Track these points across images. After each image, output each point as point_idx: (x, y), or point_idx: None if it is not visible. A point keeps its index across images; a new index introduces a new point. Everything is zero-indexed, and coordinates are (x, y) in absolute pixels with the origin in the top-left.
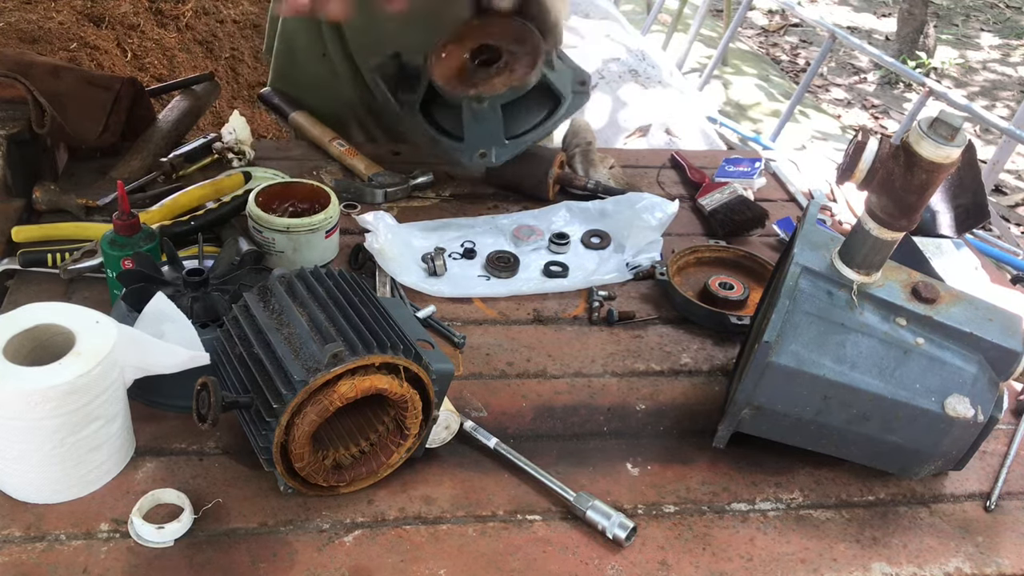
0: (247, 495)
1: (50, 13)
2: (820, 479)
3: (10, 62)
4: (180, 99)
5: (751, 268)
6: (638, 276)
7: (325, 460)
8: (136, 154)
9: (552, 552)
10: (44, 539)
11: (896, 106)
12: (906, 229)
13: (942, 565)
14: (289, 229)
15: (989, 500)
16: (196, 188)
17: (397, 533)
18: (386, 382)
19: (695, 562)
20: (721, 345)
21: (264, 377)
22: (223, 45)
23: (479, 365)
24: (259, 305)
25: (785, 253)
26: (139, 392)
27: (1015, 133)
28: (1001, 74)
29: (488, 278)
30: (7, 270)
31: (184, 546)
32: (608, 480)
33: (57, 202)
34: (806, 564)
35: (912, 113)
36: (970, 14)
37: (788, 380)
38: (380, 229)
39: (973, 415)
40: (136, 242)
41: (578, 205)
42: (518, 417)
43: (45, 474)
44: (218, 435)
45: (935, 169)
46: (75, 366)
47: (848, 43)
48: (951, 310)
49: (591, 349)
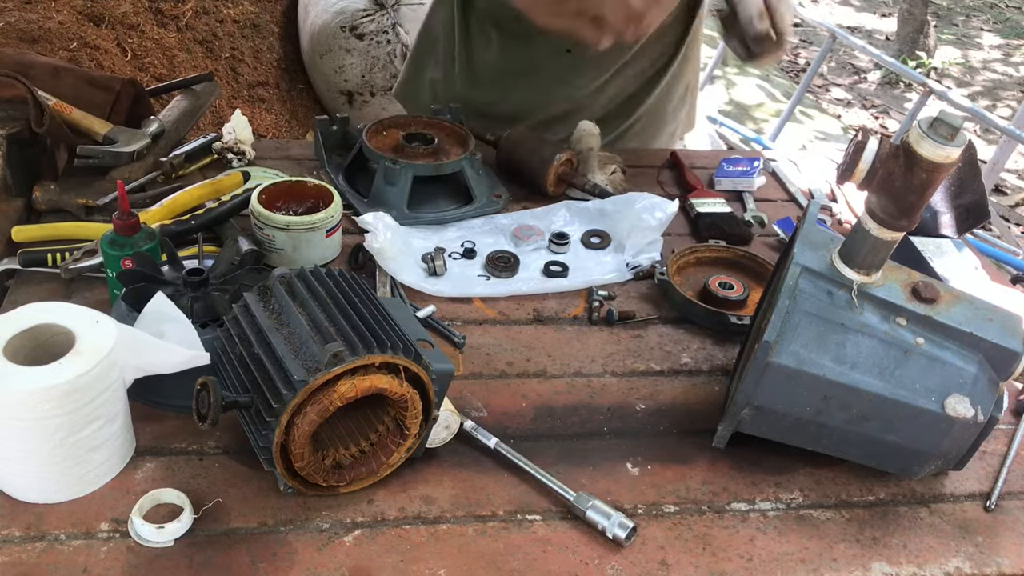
0: (247, 495)
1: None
2: (820, 479)
3: (10, 62)
4: (180, 99)
5: (751, 268)
6: (638, 276)
7: (325, 460)
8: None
9: (552, 552)
10: (44, 539)
11: (896, 106)
12: (906, 229)
13: (942, 565)
14: (289, 227)
15: (989, 500)
16: (196, 188)
17: (397, 533)
18: (386, 382)
19: (695, 562)
20: (721, 345)
21: (264, 377)
22: (223, 45)
23: (479, 365)
24: (259, 305)
25: (785, 253)
26: (139, 392)
27: (1015, 133)
28: (1002, 74)
29: (488, 278)
30: (7, 270)
31: (184, 546)
32: (608, 480)
33: (57, 202)
34: (806, 564)
35: (912, 113)
36: (971, 14)
37: (788, 380)
38: (380, 229)
39: (973, 415)
40: (136, 242)
41: (578, 205)
42: (518, 417)
43: (45, 474)
44: (218, 435)
45: (935, 169)
46: (75, 366)
47: (848, 43)
48: (951, 310)
49: (591, 349)
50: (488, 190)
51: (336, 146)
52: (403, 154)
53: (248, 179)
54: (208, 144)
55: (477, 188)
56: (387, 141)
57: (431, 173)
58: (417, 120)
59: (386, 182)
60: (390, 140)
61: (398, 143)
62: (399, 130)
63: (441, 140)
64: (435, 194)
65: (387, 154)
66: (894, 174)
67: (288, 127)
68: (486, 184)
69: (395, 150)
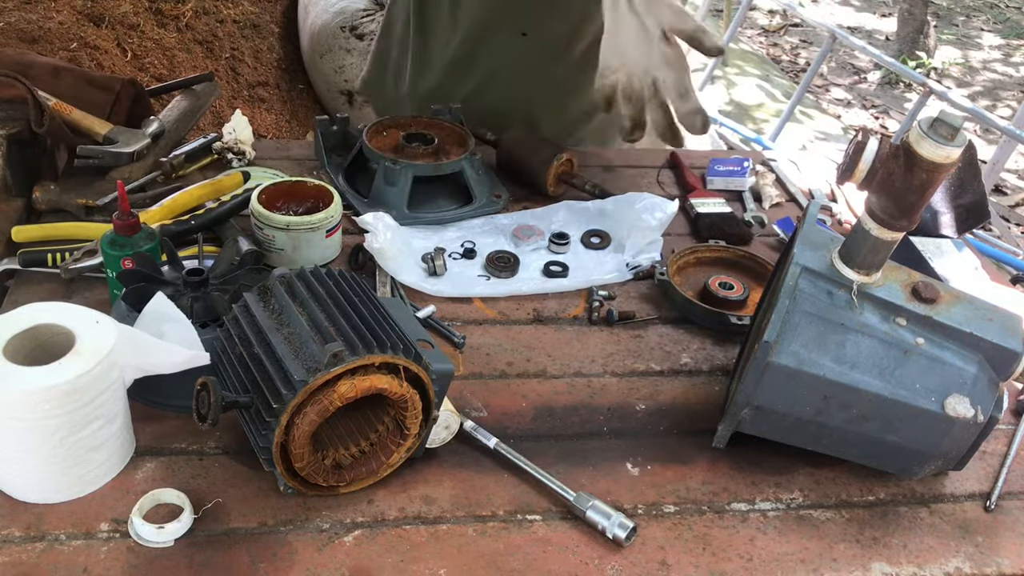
0: (247, 495)
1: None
2: (820, 479)
3: (10, 62)
4: (180, 99)
5: (751, 268)
6: (638, 276)
7: (325, 460)
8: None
9: (552, 552)
10: (44, 539)
11: (896, 106)
12: (906, 229)
13: (942, 565)
14: (289, 227)
15: (989, 500)
16: (196, 188)
17: (397, 533)
18: (386, 382)
19: (695, 562)
20: (721, 345)
21: (264, 377)
22: (223, 45)
23: (479, 365)
24: (259, 305)
25: (785, 253)
26: (139, 392)
27: (1015, 133)
28: (1002, 74)
29: (488, 278)
30: (7, 270)
31: (184, 546)
32: (608, 480)
33: (57, 202)
34: (806, 564)
35: (912, 113)
36: (971, 14)
37: (788, 380)
38: (380, 229)
39: (973, 415)
40: (136, 242)
41: (578, 205)
42: (518, 417)
43: (45, 474)
44: (218, 435)
45: (935, 169)
46: (75, 366)
47: (848, 43)
48: (951, 310)
49: (591, 349)
50: (488, 190)
51: (336, 146)
52: (403, 154)
53: (248, 179)
54: (208, 144)
55: (477, 188)
56: (387, 141)
57: (431, 173)
58: (417, 120)
59: (386, 182)
60: (390, 140)
61: (398, 143)
62: (399, 130)
63: (441, 140)
64: (435, 194)
65: (387, 154)
66: (894, 174)
67: (288, 127)
68: (486, 184)
69: (395, 150)
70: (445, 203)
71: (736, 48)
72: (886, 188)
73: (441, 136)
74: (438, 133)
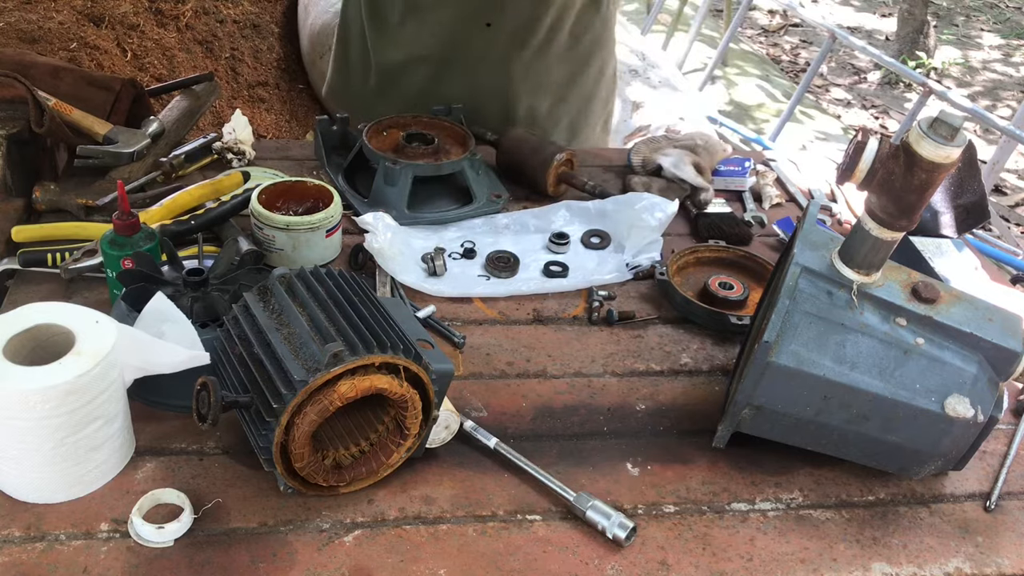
0: (247, 495)
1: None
2: (820, 479)
3: (10, 62)
4: (180, 99)
5: (751, 268)
6: (638, 276)
7: (325, 460)
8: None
9: (552, 552)
10: (44, 539)
11: (896, 106)
12: (906, 229)
13: (942, 565)
14: (289, 227)
15: (989, 500)
16: (196, 188)
17: (397, 533)
18: (386, 382)
19: (695, 562)
20: (721, 345)
21: (264, 377)
22: (223, 45)
23: (479, 365)
24: (259, 305)
25: (785, 253)
26: (139, 392)
27: (1015, 133)
28: (1002, 74)
29: (488, 278)
30: (7, 270)
31: (184, 546)
32: (608, 480)
33: (57, 202)
34: (806, 564)
35: (912, 113)
36: (971, 14)
37: (788, 380)
38: (380, 229)
39: (973, 415)
40: (136, 242)
41: (578, 205)
42: (518, 417)
43: (45, 474)
44: (218, 435)
45: (935, 169)
46: (75, 366)
47: (848, 43)
48: (951, 310)
49: (591, 349)
50: (488, 190)
51: (336, 146)
52: (403, 154)
53: (248, 179)
54: (208, 144)
55: (477, 188)
56: (387, 141)
57: (431, 173)
58: (417, 120)
59: (386, 182)
60: (390, 140)
61: (398, 143)
62: (399, 130)
63: (441, 140)
64: (435, 194)
65: (387, 154)
66: (894, 174)
67: (288, 127)
68: (486, 184)
69: (395, 150)
70: (445, 203)
71: (736, 48)
72: (886, 188)
73: (441, 136)
74: (438, 133)
